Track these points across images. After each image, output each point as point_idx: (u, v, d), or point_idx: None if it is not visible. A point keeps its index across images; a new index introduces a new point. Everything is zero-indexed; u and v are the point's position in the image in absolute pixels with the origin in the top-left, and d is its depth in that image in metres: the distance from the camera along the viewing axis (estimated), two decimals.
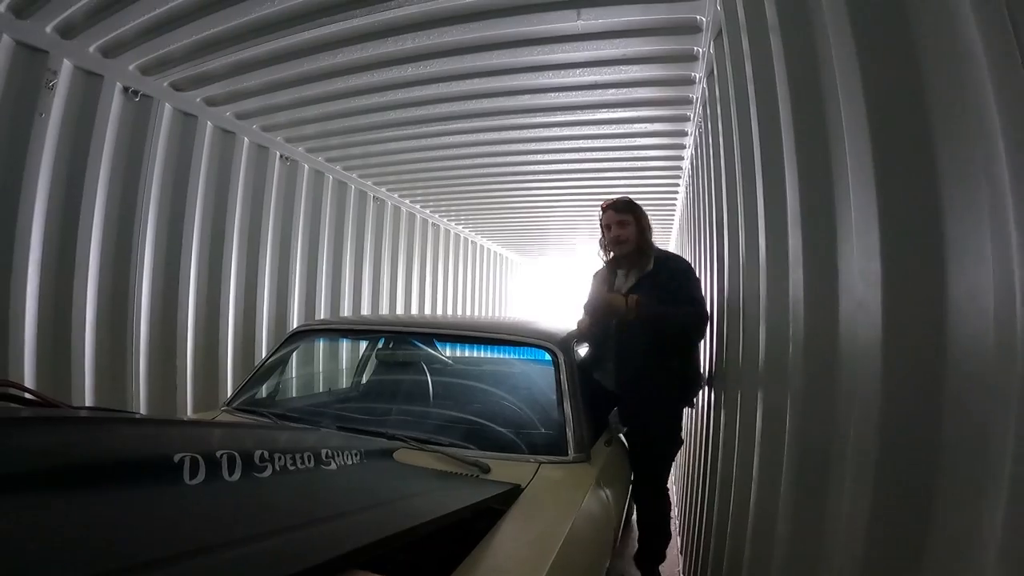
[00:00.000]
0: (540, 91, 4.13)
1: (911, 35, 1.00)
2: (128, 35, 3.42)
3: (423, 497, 1.78)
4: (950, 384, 0.91)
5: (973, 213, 0.85)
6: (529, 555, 1.63)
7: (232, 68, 3.86)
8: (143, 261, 4.16)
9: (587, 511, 2.07)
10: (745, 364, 2.11)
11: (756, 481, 1.81)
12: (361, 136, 5.21)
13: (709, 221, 3.45)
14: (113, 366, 3.99)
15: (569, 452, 2.45)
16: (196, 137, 4.49)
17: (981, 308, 0.83)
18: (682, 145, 4.99)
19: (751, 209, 2.02)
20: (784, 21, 1.59)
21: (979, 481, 0.81)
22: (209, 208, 4.77)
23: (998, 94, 0.79)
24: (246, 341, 5.23)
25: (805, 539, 1.32)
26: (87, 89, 3.64)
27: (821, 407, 1.29)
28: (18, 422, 1.16)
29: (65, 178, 3.59)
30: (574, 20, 3.17)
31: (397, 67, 3.81)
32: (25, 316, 3.37)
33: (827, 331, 1.28)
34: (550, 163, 5.76)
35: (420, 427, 2.56)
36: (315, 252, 6.14)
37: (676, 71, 3.70)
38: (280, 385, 3.36)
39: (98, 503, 1.03)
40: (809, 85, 1.41)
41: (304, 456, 1.58)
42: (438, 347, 3.60)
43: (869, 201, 1.06)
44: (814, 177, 1.37)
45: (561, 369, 2.75)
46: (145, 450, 1.28)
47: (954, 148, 0.91)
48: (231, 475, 1.29)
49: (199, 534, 1.08)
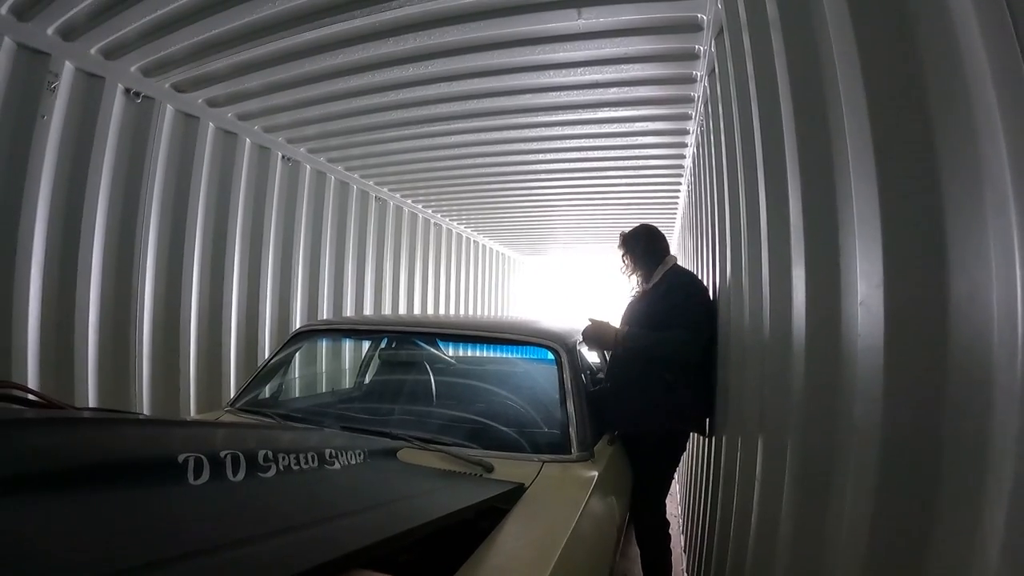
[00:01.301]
0: (541, 90, 4.12)
1: (912, 32, 1.00)
2: (129, 37, 3.42)
3: (427, 497, 1.79)
4: (952, 383, 0.91)
5: (975, 211, 0.85)
6: (533, 554, 1.63)
7: (233, 69, 3.87)
8: (145, 262, 4.16)
9: (591, 510, 2.07)
10: (748, 362, 2.10)
11: (759, 480, 1.81)
12: (363, 136, 5.22)
13: (711, 219, 3.44)
14: (116, 367, 4.00)
15: (572, 451, 2.45)
16: (198, 138, 4.50)
17: (983, 307, 0.83)
18: (684, 144, 4.99)
19: (753, 207, 2.02)
20: (785, 18, 1.59)
21: (982, 480, 0.80)
22: (211, 209, 4.77)
23: (999, 91, 0.79)
24: (249, 341, 5.23)
25: (808, 539, 1.32)
26: (89, 91, 3.65)
27: (824, 406, 1.29)
28: (22, 423, 1.17)
29: (67, 180, 3.59)
30: (575, 19, 3.17)
31: (398, 67, 3.81)
32: (28, 318, 3.38)
33: (829, 329, 1.27)
34: (551, 162, 5.76)
35: (423, 427, 2.57)
36: (317, 252, 6.14)
37: (677, 69, 3.70)
38: (283, 385, 3.37)
39: (102, 504, 1.03)
40: (810, 83, 1.41)
41: (308, 456, 1.58)
42: (441, 347, 3.61)
43: (871, 199, 1.06)
44: (815, 175, 1.37)
45: (564, 368, 2.75)
46: (149, 451, 1.28)
47: (955, 146, 0.91)
48: (235, 475, 1.30)
49: (204, 534, 1.08)
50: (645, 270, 3.24)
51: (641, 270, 3.25)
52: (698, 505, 3.53)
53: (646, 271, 3.24)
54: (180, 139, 4.41)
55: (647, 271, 3.23)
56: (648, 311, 3.06)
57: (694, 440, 3.90)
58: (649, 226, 3.38)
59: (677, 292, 3.03)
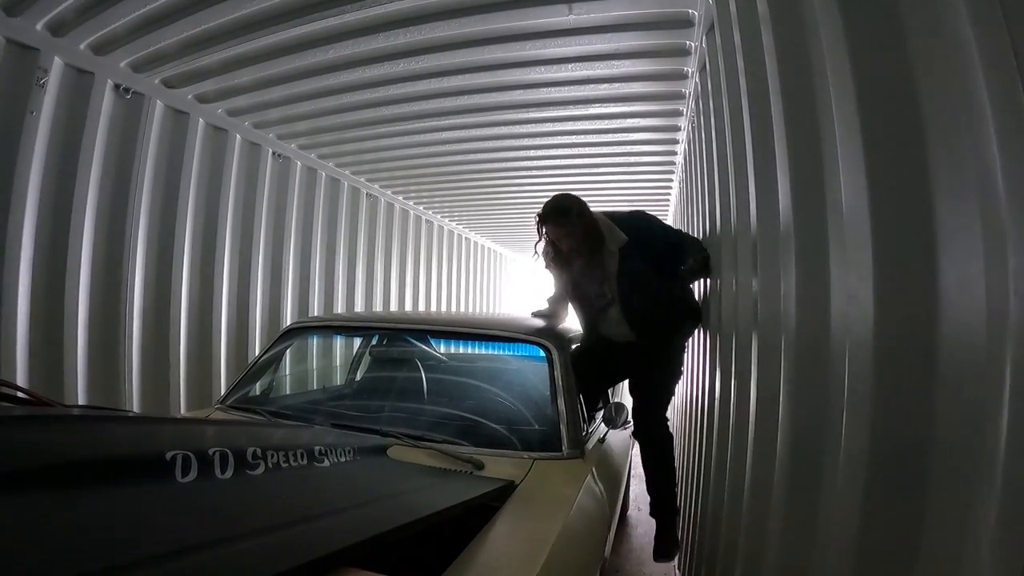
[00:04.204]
0: (532, 86, 4.12)
1: (902, 29, 1.00)
2: (119, 32, 3.41)
3: (417, 494, 1.78)
4: (942, 376, 0.91)
5: (964, 203, 0.86)
6: (523, 552, 1.63)
7: (224, 65, 3.85)
8: (135, 259, 4.14)
9: (581, 507, 2.07)
10: (739, 356, 2.11)
11: (748, 476, 1.82)
12: (353, 132, 5.21)
13: (702, 215, 3.46)
14: (106, 364, 3.98)
15: (563, 448, 2.44)
16: (188, 134, 4.48)
17: (973, 299, 0.83)
18: (675, 140, 4.99)
19: (743, 202, 2.02)
20: (775, 15, 1.60)
21: (972, 474, 0.81)
22: (201, 205, 4.75)
23: (989, 85, 0.79)
24: (239, 338, 5.22)
25: (798, 532, 1.33)
26: (78, 86, 3.63)
27: (813, 399, 1.29)
28: (10, 421, 1.16)
29: (56, 176, 3.57)
30: (565, 14, 3.17)
31: (388, 63, 3.80)
32: (17, 314, 3.36)
33: (819, 323, 1.28)
34: (542, 158, 5.76)
35: (414, 424, 2.56)
36: (308, 249, 6.12)
37: (668, 65, 3.71)
38: (273, 382, 3.35)
39: (91, 501, 1.02)
40: (800, 79, 1.41)
41: (297, 453, 1.58)
42: (432, 344, 3.60)
43: (860, 193, 1.06)
44: (805, 170, 1.37)
45: (555, 365, 2.74)
46: (138, 448, 1.27)
47: (945, 140, 0.91)
48: (223, 473, 1.29)
49: (192, 532, 1.08)
50: (595, 232, 3.05)
51: (592, 234, 3.05)
52: (691, 496, 3.54)
53: (595, 232, 3.06)
54: (170, 135, 4.39)
55: (595, 231, 3.06)
56: (643, 255, 3.04)
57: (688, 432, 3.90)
58: (566, 194, 3.19)
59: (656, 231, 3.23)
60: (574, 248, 3.05)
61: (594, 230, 3.04)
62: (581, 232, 3.00)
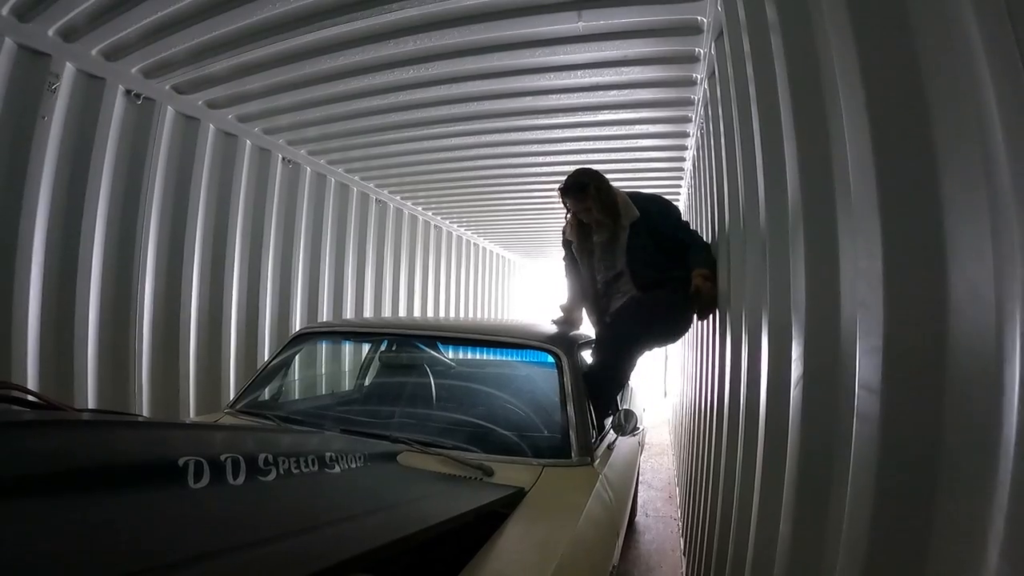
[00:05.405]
0: (541, 93, 4.13)
1: (911, 33, 1.00)
2: (130, 38, 3.43)
3: (427, 501, 1.78)
4: (952, 382, 0.91)
5: (974, 210, 0.85)
6: (533, 559, 1.63)
7: (234, 71, 3.88)
8: (145, 264, 4.17)
9: (591, 514, 2.07)
10: (748, 362, 2.10)
11: (759, 480, 1.81)
12: (363, 139, 5.23)
13: (711, 221, 3.45)
14: (116, 369, 4.00)
15: (573, 455, 2.44)
16: (198, 140, 4.51)
17: (982, 306, 0.83)
18: (684, 146, 4.99)
19: (752, 209, 2.02)
20: (784, 21, 1.59)
21: (981, 479, 0.80)
22: (211, 211, 4.78)
23: (998, 91, 0.79)
24: (249, 344, 5.24)
25: (807, 538, 1.32)
26: (89, 92, 3.66)
27: (823, 405, 1.29)
28: (21, 425, 1.16)
29: (67, 181, 3.60)
30: (575, 22, 3.17)
31: (399, 69, 3.82)
32: (28, 319, 3.38)
33: (829, 330, 1.27)
34: (552, 164, 5.75)
35: (423, 430, 2.56)
36: (317, 255, 6.15)
37: (677, 72, 3.71)
38: (283, 387, 3.36)
39: (102, 507, 1.03)
40: (810, 85, 1.41)
41: (308, 459, 1.58)
42: (441, 349, 3.60)
43: (870, 200, 1.06)
44: (815, 176, 1.37)
45: (564, 371, 2.74)
46: (149, 453, 1.27)
47: (954, 146, 0.91)
48: (235, 479, 1.29)
49: (204, 538, 1.08)
50: (612, 207, 3.23)
51: (609, 209, 3.23)
52: (697, 506, 3.53)
53: (613, 207, 3.23)
54: (180, 141, 4.42)
55: (613, 206, 3.24)
56: (650, 235, 3.22)
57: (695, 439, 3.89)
58: (585, 169, 3.39)
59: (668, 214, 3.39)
60: (593, 220, 3.23)
61: (611, 204, 3.21)
62: (600, 205, 3.17)
